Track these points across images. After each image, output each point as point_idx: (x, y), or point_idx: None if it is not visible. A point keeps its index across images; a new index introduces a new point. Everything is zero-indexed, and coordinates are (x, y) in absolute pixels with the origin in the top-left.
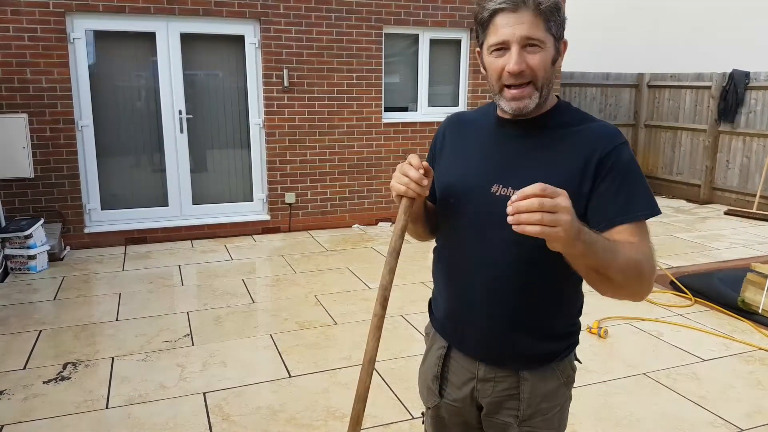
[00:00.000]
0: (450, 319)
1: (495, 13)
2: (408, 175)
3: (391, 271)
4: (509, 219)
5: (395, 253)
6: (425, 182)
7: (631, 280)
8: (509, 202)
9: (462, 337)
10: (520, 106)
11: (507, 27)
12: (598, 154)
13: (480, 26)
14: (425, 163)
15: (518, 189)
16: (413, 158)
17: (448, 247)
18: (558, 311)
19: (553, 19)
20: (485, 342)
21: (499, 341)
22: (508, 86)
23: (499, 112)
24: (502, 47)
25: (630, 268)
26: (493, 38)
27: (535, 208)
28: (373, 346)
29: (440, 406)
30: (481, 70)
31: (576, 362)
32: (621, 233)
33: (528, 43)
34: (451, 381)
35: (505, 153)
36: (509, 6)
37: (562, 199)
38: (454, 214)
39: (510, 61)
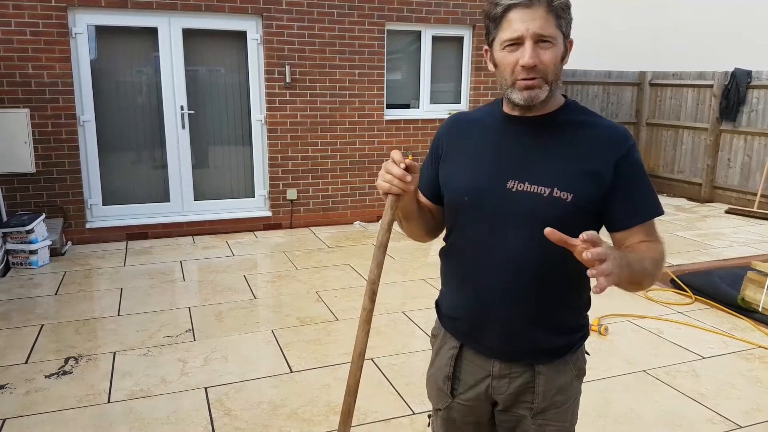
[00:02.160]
0: (465, 318)
1: (509, 8)
2: (391, 172)
3: (378, 265)
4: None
5: (383, 247)
6: (408, 178)
7: (654, 278)
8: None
9: (478, 335)
10: (531, 95)
11: (521, 23)
12: (613, 156)
13: (492, 22)
14: (408, 160)
15: (534, 183)
16: (395, 154)
17: (462, 247)
18: (572, 304)
19: (563, 16)
20: (503, 339)
21: (518, 337)
22: (518, 79)
23: (506, 110)
24: (516, 42)
25: (655, 269)
26: (506, 34)
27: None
28: (363, 340)
29: (452, 406)
30: (489, 67)
31: (586, 354)
32: (637, 233)
33: (540, 39)
34: (463, 380)
35: (516, 149)
36: (524, 1)
37: (601, 250)
38: (468, 213)
39: (524, 56)
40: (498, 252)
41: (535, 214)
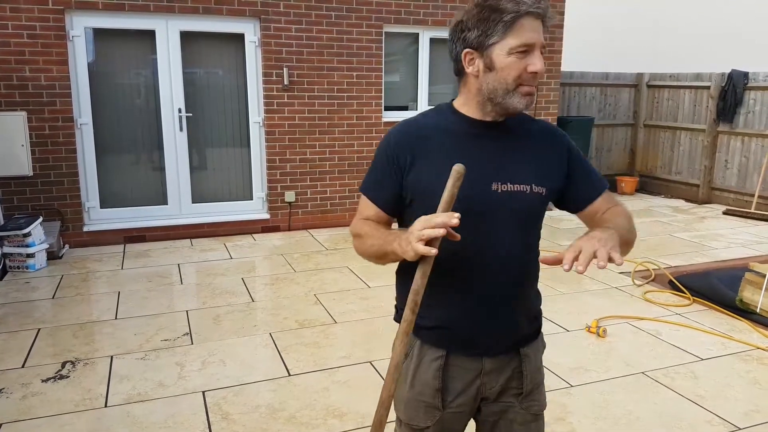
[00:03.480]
0: (460, 324)
1: (523, 15)
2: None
3: (424, 274)
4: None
5: (430, 258)
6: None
7: (635, 232)
8: (578, 265)
9: (472, 338)
10: (531, 101)
11: (533, 32)
12: (563, 147)
13: (496, 25)
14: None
15: (516, 183)
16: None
17: (452, 255)
18: (537, 289)
19: (546, 31)
20: (497, 335)
21: (510, 329)
22: (522, 84)
23: (475, 116)
24: (527, 49)
25: (632, 226)
26: (519, 39)
27: (590, 255)
28: (401, 352)
29: (443, 418)
30: (470, 69)
31: None
32: (601, 204)
33: (541, 49)
34: (452, 388)
35: (491, 153)
36: (536, 12)
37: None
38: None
39: (536, 63)
40: (491, 253)
41: (521, 210)
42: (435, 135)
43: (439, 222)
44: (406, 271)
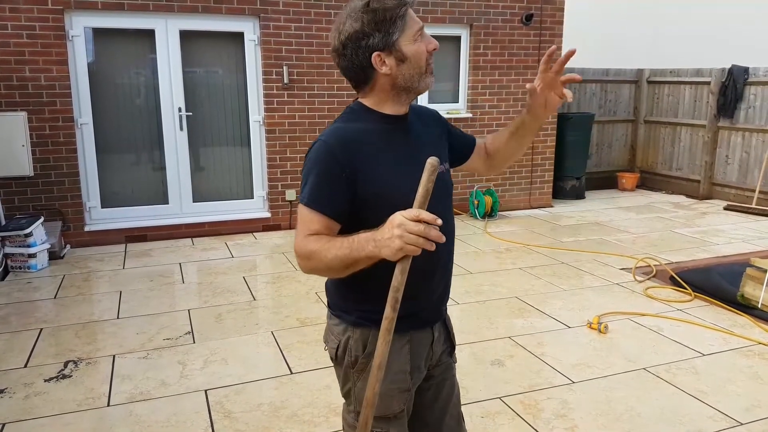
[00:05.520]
0: (417, 309)
1: (407, 7)
2: (430, 236)
3: (403, 271)
4: None
5: (410, 256)
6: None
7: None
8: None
9: (427, 316)
10: (433, 79)
11: (414, 17)
12: (443, 125)
13: (394, 22)
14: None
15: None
16: (423, 214)
17: None
18: None
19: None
20: (441, 305)
21: (446, 298)
22: (429, 64)
23: (390, 111)
24: (421, 32)
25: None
26: (415, 26)
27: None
28: (383, 351)
29: (411, 395)
30: (384, 69)
31: None
32: (479, 142)
33: None
34: (416, 366)
35: (413, 143)
36: (411, 2)
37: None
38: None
39: (432, 40)
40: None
41: (447, 188)
42: (366, 138)
43: (434, 230)
44: (376, 282)
